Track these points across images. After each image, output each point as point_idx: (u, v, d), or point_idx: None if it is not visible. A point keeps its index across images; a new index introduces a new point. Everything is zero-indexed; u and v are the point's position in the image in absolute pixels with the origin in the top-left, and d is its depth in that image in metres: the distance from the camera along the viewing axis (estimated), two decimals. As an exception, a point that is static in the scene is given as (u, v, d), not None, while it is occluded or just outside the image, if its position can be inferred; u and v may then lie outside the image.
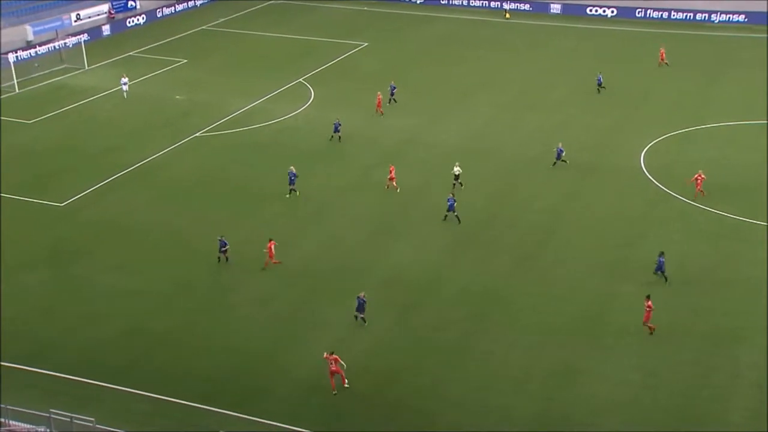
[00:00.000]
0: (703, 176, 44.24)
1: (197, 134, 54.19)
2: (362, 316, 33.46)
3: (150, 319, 34.33)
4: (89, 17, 79.46)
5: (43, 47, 69.91)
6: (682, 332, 33.58)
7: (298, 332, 33.42)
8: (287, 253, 39.25)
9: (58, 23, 75.92)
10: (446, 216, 42.15)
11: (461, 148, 51.95)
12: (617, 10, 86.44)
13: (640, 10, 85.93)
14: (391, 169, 46.39)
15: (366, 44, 76.51)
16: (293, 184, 44.76)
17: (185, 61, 71.30)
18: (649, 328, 33.21)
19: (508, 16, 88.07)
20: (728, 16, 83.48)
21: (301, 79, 65.69)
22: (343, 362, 30.12)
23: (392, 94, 59.62)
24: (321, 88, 62.95)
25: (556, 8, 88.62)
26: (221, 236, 38.76)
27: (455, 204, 41.95)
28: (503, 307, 35.19)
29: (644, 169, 48.72)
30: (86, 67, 68.41)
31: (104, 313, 34.65)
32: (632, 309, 34.90)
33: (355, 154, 50.41)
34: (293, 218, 43.04)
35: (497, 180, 47.25)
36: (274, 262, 37.83)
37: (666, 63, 68.87)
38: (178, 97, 61.84)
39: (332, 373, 29.82)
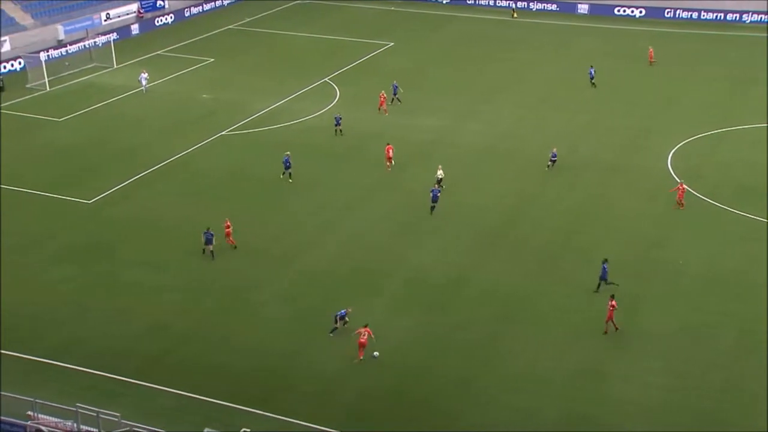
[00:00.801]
0: (684, 187, 43.22)
1: (223, 133, 54.41)
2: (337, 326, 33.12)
3: (175, 315, 34.48)
4: (119, 16, 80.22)
5: (74, 46, 70.59)
6: (710, 335, 33.15)
7: (322, 330, 33.35)
8: (311, 252, 39.30)
9: (89, 22, 76.68)
10: (432, 207, 42.45)
11: (486, 148, 51.75)
12: (646, 10, 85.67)
13: (669, 10, 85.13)
14: (388, 148, 47.81)
15: (392, 44, 76.45)
16: (289, 168, 46.65)
17: (212, 60, 71.65)
18: (614, 326, 32.74)
19: (515, 15, 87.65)
20: (760, 16, 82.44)
21: (326, 79, 65.76)
22: (373, 336, 31.37)
23: (395, 94, 59.47)
24: (346, 88, 62.97)
25: (583, 8, 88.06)
26: (208, 228, 38.71)
27: (439, 195, 42.57)
28: (528, 308, 34.94)
29: (671, 170, 48.19)
30: (115, 66, 68.98)
31: (131, 309, 34.85)
32: (659, 310, 34.56)
33: (380, 154, 50.29)
34: (317, 216, 43.06)
35: (522, 180, 46.96)
36: (230, 242, 38.76)
37: (654, 62, 68.76)
38: (204, 95, 62.14)
39: (361, 344, 31.05)
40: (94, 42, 70.50)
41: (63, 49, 70.21)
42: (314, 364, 31.52)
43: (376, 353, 31.55)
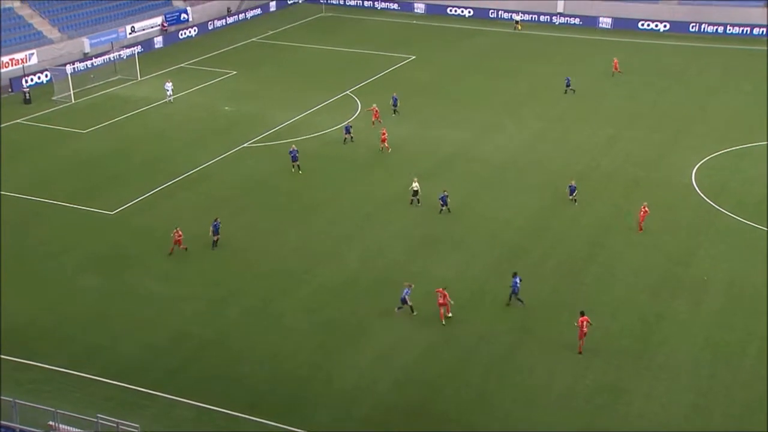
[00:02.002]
0: (647, 210, 42.18)
1: (245, 145, 54.74)
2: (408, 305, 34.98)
3: (196, 326, 34.64)
4: (143, 30, 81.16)
5: (99, 59, 71.51)
6: (734, 353, 32.74)
7: (343, 343, 33.39)
8: (331, 263, 39.38)
9: (114, 36, 77.66)
10: (441, 210, 43.73)
11: (508, 161, 51.71)
12: (670, 24, 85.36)
13: (694, 24, 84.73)
14: (383, 131, 52.23)
15: (413, 57, 76.67)
16: (296, 160, 49.27)
17: (234, 72, 72.20)
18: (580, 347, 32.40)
19: (519, 27, 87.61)
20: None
21: (348, 92, 66.04)
22: (451, 300, 34.07)
23: (395, 106, 59.49)
24: (368, 101, 63.13)
25: (606, 22, 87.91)
26: (216, 218, 40.78)
27: (447, 197, 43.70)
28: (548, 322, 34.74)
29: (695, 185, 47.83)
30: (139, 78, 69.71)
31: (151, 320, 35.06)
32: (682, 327, 34.22)
33: (401, 166, 50.41)
34: (339, 228, 43.16)
35: (544, 194, 46.80)
36: (180, 247, 39.51)
37: (619, 72, 68.76)
38: (226, 108, 62.61)
39: (440, 305, 33.94)
40: (119, 55, 71.37)
41: (88, 62, 71.12)
42: (334, 376, 31.51)
43: (450, 314, 34.83)
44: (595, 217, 43.95)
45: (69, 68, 65.89)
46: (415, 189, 45.16)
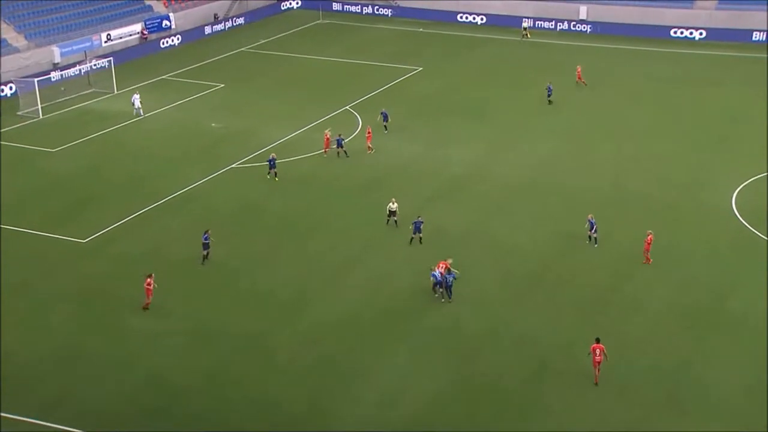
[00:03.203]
0: (651, 237, 42.43)
1: (234, 165, 55.50)
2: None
3: (180, 364, 35.03)
4: (120, 38, 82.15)
5: (71, 70, 72.36)
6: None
7: (342, 383, 33.79)
8: (329, 294, 39.91)
9: (87, 44, 78.55)
10: (412, 239, 44.34)
11: (522, 182, 52.39)
12: (707, 31, 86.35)
13: (734, 31, 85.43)
14: (368, 130, 56.99)
15: (420, 68, 77.66)
16: (273, 167, 52.26)
17: (222, 85, 73.15)
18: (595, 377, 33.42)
19: (528, 35, 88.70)
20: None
21: (348, 107, 66.91)
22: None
23: (385, 121, 60.44)
24: (370, 117, 63.95)
25: (633, 30, 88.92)
26: (207, 231, 42.22)
27: (422, 225, 44.12)
28: (570, 359, 35.12)
29: (735, 210, 48.37)
30: (115, 92, 70.62)
31: (129, 358, 35.41)
32: (718, 366, 34.58)
33: (406, 188, 51.08)
34: (338, 254, 43.75)
35: (562, 218, 47.32)
36: (147, 302, 38.69)
37: (583, 82, 69.73)
38: (213, 125, 63.43)
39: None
40: (93, 65, 72.32)
41: (59, 73, 71.99)
42: (332, 420, 31.86)
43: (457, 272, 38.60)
44: (620, 245, 44.38)
45: (36, 80, 66.70)
46: (392, 209, 46.32)
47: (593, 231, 44.20)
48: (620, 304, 39.29)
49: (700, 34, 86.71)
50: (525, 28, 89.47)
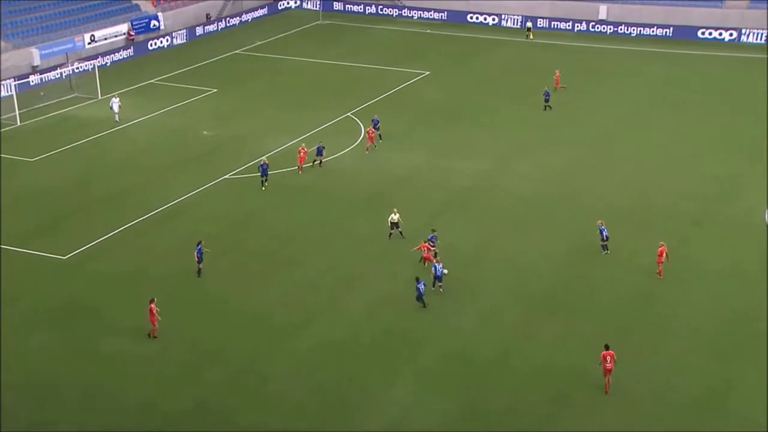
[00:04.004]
0: (664, 250, 42.63)
1: (227, 176, 55.53)
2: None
3: (168, 393, 34.87)
4: (105, 39, 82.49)
5: (51, 73, 72.61)
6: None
7: (342, 413, 33.63)
8: (327, 317, 39.82)
9: (69, 46, 78.92)
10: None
11: (537, 195, 52.36)
12: (737, 33, 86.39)
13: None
14: (369, 129, 58.33)
15: (427, 73, 77.79)
16: (265, 175, 52.75)
17: (215, 90, 73.34)
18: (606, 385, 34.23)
19: (531, 36, 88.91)
20: None
21: (349, 113, 67.00)
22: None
23: (375, 126, 60.52)
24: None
25: (658, 31, 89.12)
26: (200, 242, 42.72)
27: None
28: (591, 389, 34.90)
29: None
30: (99, 97, 70.74)
31: (113, 385, 35.27)
32: (752, 395, 34.38)
33: (412, 201, 51.02)
34: (338, 273, 43.67)
35: (582, 233, 47.22)
36: (154, 329, 38.30)
37: (563, 87, 69.63)
38: (205, 132, 63.53)
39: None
40: (75, 68, 72.51)
41: (38, 77, 72.23)
42: (331, 452, 31.82)
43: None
44: (641, 262, 44.26)
45: (14, 84, 66.91)
46: (394, 221, 46.43)
47: (604, 239, 44.94)
48: (643, 327, 39.10)
49: (730, 35, 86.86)
50: (528, 29, 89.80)
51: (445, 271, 41.33)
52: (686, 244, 46.30)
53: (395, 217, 46.63)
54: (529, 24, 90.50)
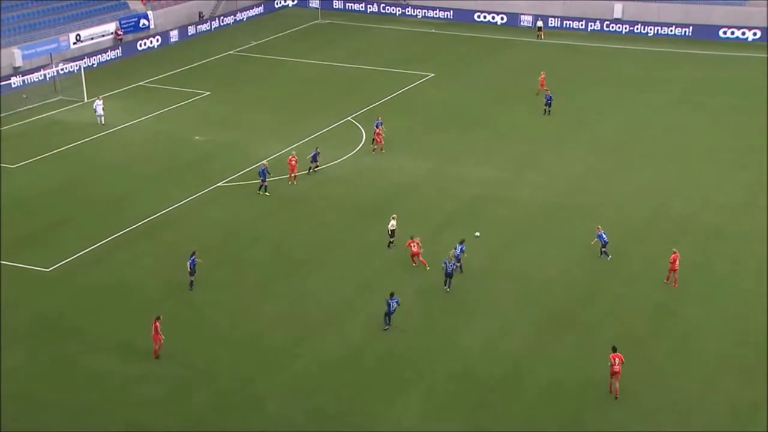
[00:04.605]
0: (677, 257, 42.82)
1: (220, 183, 55.39)
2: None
3: (155, 415, 34.66)
4: (91, 38, 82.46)
5: (34, 75, 72.54)
6: None
7: (342, 436, 33.52)
8: (327, 335, 39.59)
9: (53, 45, 78.89)
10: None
11: (550, 205, 52.22)
12: (762, 32, 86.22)
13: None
14: (377, 132, 58.81)
15: (432, 75, 77.72)
16: (264, 180, 52.87)
17: (208, 93, 73.28)
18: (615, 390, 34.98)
19: (542, 36, 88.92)
20: None
21: (350, 118, 66.91)
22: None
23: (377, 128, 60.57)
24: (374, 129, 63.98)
25: (676, 30, 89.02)
26: (194, 253, 42.61)
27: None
28: (606, 410, 34.71)
29: (795, 238, 48.13)
30: (85, 100, 70.63)
31: (98, 406, 35.09)
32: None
33: (417, 211, 50.84)
34: (338, 289, 43.47)
35: (597, 246, 46.98)
36: (156, 348, 38.01)
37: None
38: (197, 137, 63.44)
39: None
40: (60, 70, 72.43)
41: (20, 78, 72.16)
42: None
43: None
44: (663, 277, 44.03)
45: (-4, 86, 67.01)
46: (393, 228, 46.69)
47: (604, 245, 45.54)
48: (662, 345, 38.87)
49: (754, 34, 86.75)
50: (539, 28, 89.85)
51: (465, 254, 43.67)
52: (708, 257, 46.06)
53: (393, 223, 46.70)
54: (539, 23, 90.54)
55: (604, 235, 45.68)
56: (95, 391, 36.04)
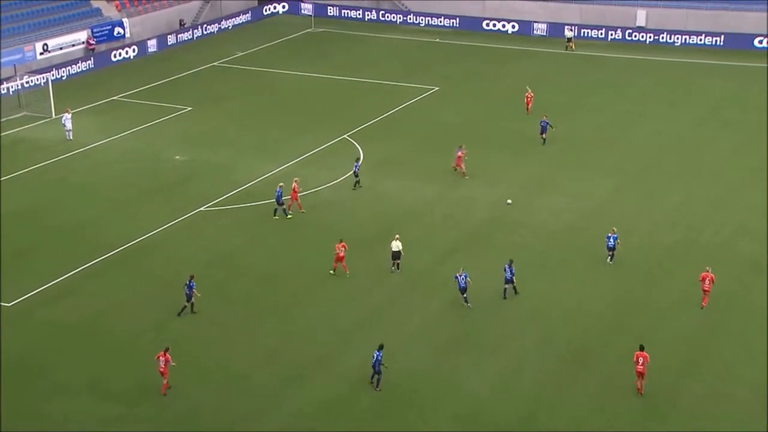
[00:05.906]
0: (709, 275, 43.82)
1: (202, 208, 55.44)
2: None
3: (130, 464, 34.70)
4: (60, 48, 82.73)
5: (-3, 88, 72.79)
6: None
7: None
8: (324, 373, 39.51)
9: (18, 56, 79.07)
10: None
11: (568, 231, 52.32)
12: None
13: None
14: (460, 154, 58.83)
15: (436, 88, 77.96)
16: (282, 204, 53.31)
17: (189, 108, 73.51)
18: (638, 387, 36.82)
19: (572, 46, 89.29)
20: None
21: (345, 135, 67.08)
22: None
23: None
24: (373, 147, 64.06)
25: (705, 40, 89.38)
26: (191, 277, 43.39)
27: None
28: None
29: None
30: (53, 116, 70.87)
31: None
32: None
33: (421, 237, 50.86)
34: (334, 323, 43.44)
35: (623, 276, 47.11)
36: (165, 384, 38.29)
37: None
38: (178, 157, 63.55)
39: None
40: (25, 83, 72.66)
41: (-18, 92, 72.43)
42: None
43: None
44: (693, 311, 44.06)
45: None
46: (396, 250, 47.17)
47: (613, 249, 47.69)
48: (694, 387, 38.71)
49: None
50: (569, 39, 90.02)
51: (469, 280, 43.77)
52: (745, 289, 46.01)
53: (398, 244, 46.93)
54: (569, 33, 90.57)
55: (611, 239, 46.90)
56: (64, 437, 35.99)
